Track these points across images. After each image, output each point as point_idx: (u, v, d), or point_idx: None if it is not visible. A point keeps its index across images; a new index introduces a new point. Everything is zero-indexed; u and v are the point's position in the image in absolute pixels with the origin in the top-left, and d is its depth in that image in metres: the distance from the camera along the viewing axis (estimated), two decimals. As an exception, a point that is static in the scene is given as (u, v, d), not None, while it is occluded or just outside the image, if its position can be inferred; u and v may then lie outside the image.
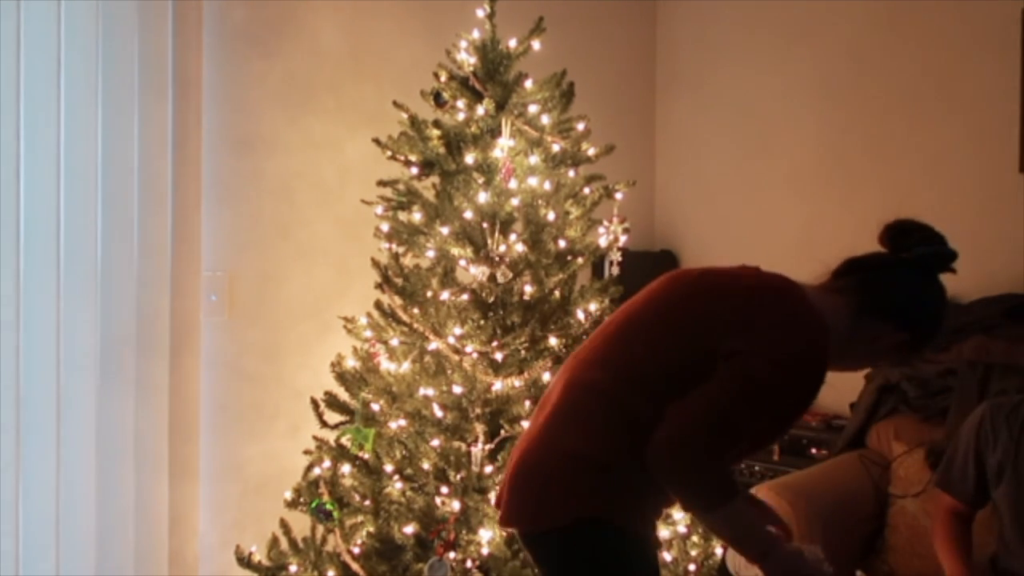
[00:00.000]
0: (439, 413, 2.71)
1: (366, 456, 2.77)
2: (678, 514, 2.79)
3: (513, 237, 2.78)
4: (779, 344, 1.74)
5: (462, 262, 2.80)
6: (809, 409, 1.81)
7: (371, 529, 2.73)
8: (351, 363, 2.91)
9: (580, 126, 2.93)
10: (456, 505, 2.61)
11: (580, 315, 2.80)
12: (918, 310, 1.92)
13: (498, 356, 2.69)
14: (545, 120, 2.86)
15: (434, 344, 2.75)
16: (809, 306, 1.81)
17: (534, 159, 2.80)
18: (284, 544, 2.89)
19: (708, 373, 1.74)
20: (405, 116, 2.89)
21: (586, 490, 1.80)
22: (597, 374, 1.86)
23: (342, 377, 2.87)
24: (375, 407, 2.79)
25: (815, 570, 1.86)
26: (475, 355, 2.70)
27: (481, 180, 2.79)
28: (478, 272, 2.78)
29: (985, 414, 2.35)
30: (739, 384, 1.71)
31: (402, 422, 2.74)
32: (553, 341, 2.73)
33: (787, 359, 1.73)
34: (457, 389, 2.70)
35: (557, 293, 2.81)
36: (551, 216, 2.82)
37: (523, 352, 2.70)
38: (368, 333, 2.89)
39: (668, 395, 1.75)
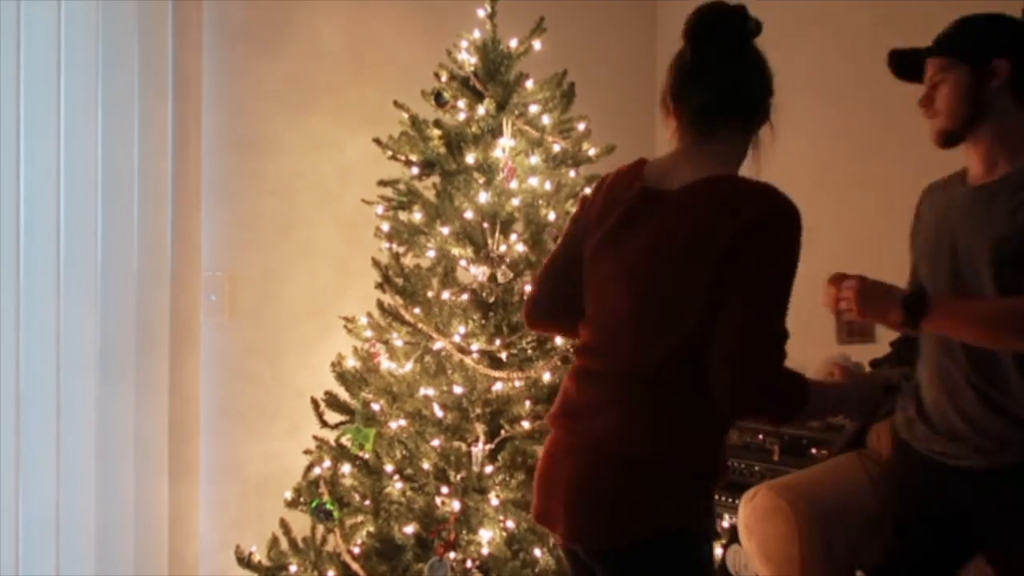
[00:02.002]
0: (439, 413, 2.71)
1: (366, 456, 2.77)
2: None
3: (514, 237, 2.79)
4: (771, 239, 1.67)
5: (462, 262, 2.80)
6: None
7: (371, 529, 2.73)
8: (351, 363, 2.91)
9: (581, 126, 2.93)
10: (456, 505, 2.61)
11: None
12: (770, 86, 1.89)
13: (503, 356, 2.70)
14: (546, 120, 2.87)
15: (439, 344, 2.75)
16: (748, 182, 1.76)
17: (535, 159, 2.80)
18: (284, 544, 2.89)
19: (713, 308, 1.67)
20: (406, 116, 2.89)
21: (669, 500, 1.74)
22: (643, 370, 1.75)
23: (342, 377, 2.87)
24: (375, 407, 2.79)
25: (866, 381, 1.98)
26: (478, 354, 2.71)
27: (482, 180, 2.80)
28: (478, 272, 2.78)
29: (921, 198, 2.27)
30: (763, 294, 1.66)
31: (402, 422, 2.74)
32: (559, 340, 2.73)
33: (781, 242, 1.68)
34: (457, 389, 2.70)
35: (557, 293, 2.81)
36: (552, 216, 2.82)
37: (529, 351, 2.71)
38: (368, 333, 2.89)
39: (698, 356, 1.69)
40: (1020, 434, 1.94)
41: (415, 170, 2.88)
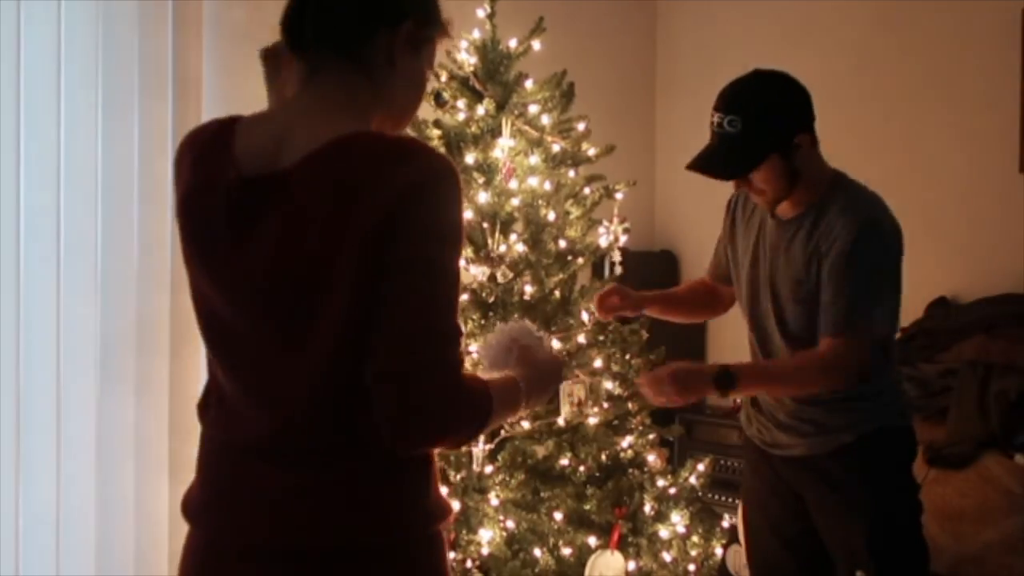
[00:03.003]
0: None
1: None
2: (676, 516, 2.80)
3: (513, 237, 2.78)
4: (430, 209, 1.24)
5: (462, 262, 2.80)
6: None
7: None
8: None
9: (580, 126, 2.93)
10: (456, 505, 2.61)
11: (584, 316, 2.79)
12: None
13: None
14: (545, 120, 2.86)
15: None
16: (380, 147, 1.28)
17: (534, 159, 2.80)
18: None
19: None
20: (405, 116, 2.88)
21: None
22: (284, 438, 1.31)
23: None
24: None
25: (547, 360, 1.56)
26: (476, 355, 2.70)
27: (481, 180, 2.79)
28: (478, 272, 2.78)
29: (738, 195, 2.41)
30: (427, 284, 1.25)
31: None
32: (556, 344, 2.72)
33: (443, 212, 1.26)
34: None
35: (557, 293, 2.81)
36: (551, 216, 2.82)
37: (525, 352, 2.70)
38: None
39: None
40: (830, 419, 2.16)
41: (415, 170, 2.88)
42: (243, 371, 1.34)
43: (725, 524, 3.06)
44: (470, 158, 2.78)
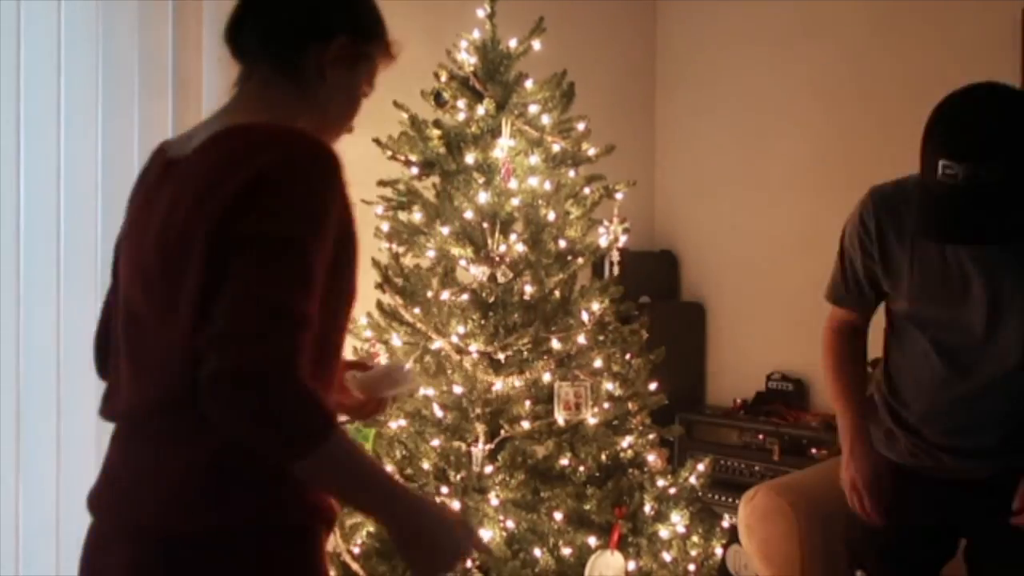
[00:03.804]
0: (439, 413, 2.71)
1: (366, 456, 2.77)
2: (676, 516, 2.80)
3: (513, 237, 2.79)
4: (282, 190, 1.27)
5: (462, 262, 2.81)
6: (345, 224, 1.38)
7: (371, 529, 2.73)
8: (351, 363, 2.90)
9: (580, 126, 2.93)
10: (456, 505, 2.61)
11: (584, 316, 2.79)
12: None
13: (500, 357, 2.70)
14: (545, 120, 2.87)
15: (437, 343, 2.75)
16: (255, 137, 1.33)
17: (534, 159, 2.80)
18: (284, 544, 2.88)
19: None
20: (405, 116, 2.89)
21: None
22: (157, 402, 1.34)
23: (342, 377, 2.87)
24: (375, 407, 2.79)
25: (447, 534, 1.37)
26: (476, 355, 2.71)
27: (481, 180, 2.80)
28: (478, 272, 2.78)
29: (867, 205, 2.17)
30: (265, 254, 1.24)
31: (402, 422, 2.74)
32: (556, 344, 2.72)
33: (295, 193, 1.27)
34: (457, 389, 2.70)
35: (557, 293, 2.81)
36: (551, 216, 2.82)
37: (525, 353, 2.71)
38: (368, 333, 2.89)
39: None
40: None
41: (415, 170, 2.88)
42: (132, 346, 1.38)
43: (725, 524, 3.06)
44: (470, 158, 2.79)
